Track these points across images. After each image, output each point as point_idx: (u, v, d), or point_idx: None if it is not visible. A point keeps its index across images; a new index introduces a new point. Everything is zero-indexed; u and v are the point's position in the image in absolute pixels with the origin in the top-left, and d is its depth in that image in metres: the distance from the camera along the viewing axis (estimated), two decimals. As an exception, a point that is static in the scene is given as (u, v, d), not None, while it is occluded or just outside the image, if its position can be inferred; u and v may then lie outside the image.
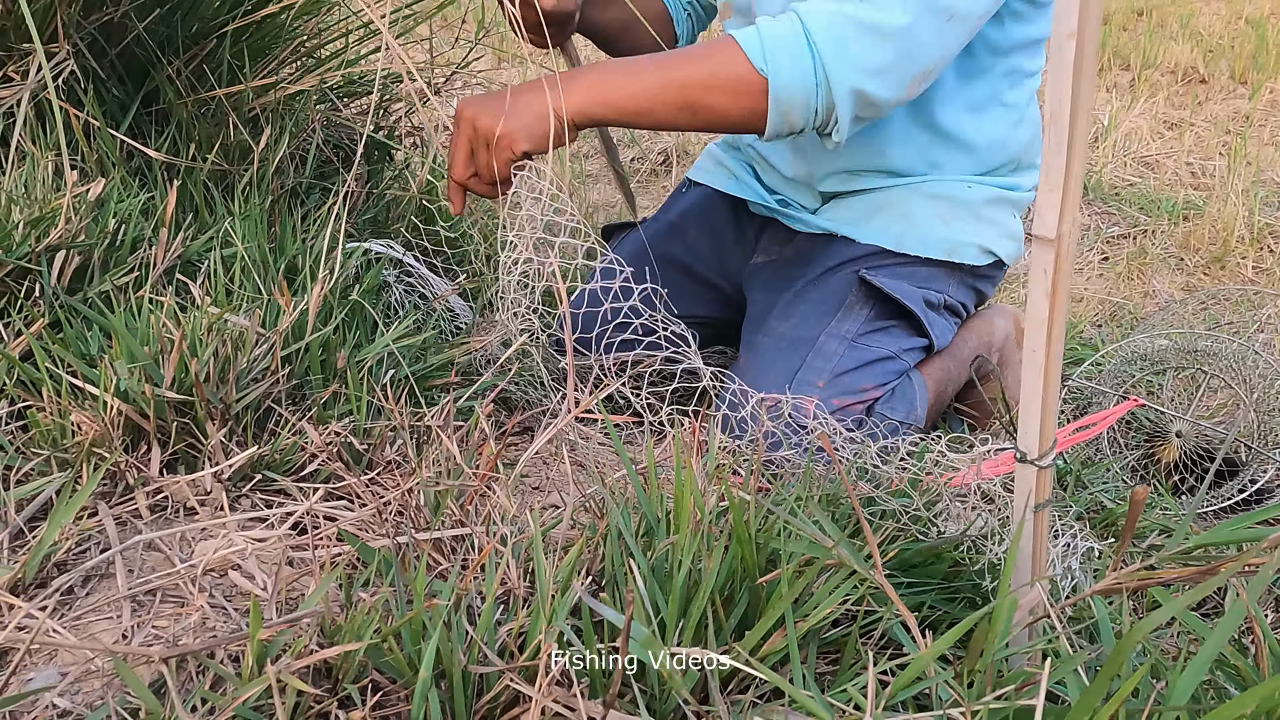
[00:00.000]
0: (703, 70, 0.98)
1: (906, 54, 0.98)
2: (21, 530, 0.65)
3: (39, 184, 0.95)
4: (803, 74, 0.97)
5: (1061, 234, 0.59)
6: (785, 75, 0.97)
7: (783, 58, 0.97)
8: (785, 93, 0.97)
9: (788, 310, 1.21)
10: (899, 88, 1.00)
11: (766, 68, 0.97)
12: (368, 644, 0.54)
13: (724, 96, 0.98)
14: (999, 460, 0.90)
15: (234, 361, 0.77)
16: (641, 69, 0.99)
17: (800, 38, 0.97)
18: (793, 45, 0.97)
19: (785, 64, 0.97)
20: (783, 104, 0.98)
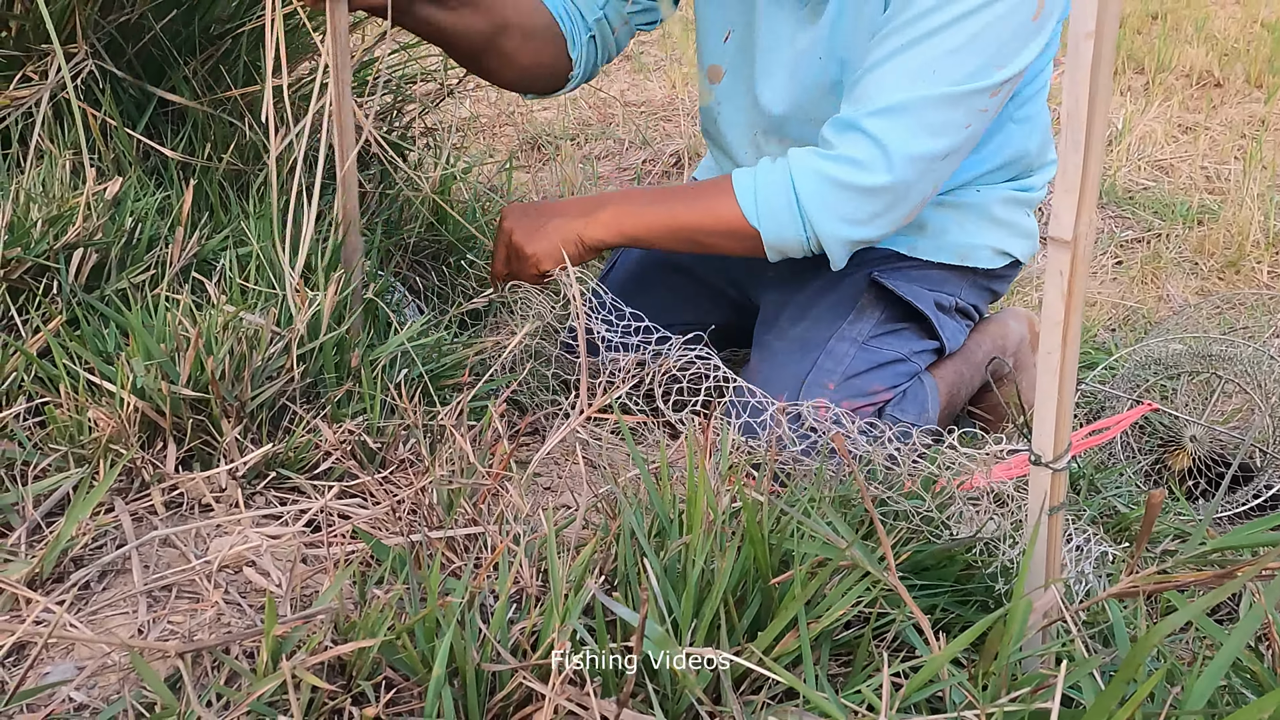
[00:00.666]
0: (705, 216, 1.08)
1: (894, 203, 1.04)
2: (39, 525, 0.66)
3: (57, 183, 0.96)
4: (793, 230, 1.05)
5: (1078, 235, 0.59)
6: (775, 230, 1.06)
7: (770, 215, 1.05)
8: (778, 242, 1.07)
9: (799, 312, 1.20)
10: (891, 226, 1.06)
11: (759, 225, 1.06)
12: (382, 641, 0.54)
13: (724, 240, 1.09)
14: (1012, 463, 0.90)
15: (249, 359, 0.78)
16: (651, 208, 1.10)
17: (790, 196, 1.04)
18: (782, 205, 1.04)
19: (774, 221, 1.05)
20: (776, 250, 1.08)
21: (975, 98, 1.00)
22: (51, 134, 1.09)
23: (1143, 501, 1.09)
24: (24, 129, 1.12)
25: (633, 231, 1.11)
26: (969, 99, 1.00)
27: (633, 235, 1.11)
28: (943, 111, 1.00)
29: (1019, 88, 1.17)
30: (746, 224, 1.07)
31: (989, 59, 0.98)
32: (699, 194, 1.11)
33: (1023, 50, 1.00)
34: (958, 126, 1.01)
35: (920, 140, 1.00)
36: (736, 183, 1.07)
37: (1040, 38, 1.01)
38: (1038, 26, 1.00)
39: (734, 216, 1.07)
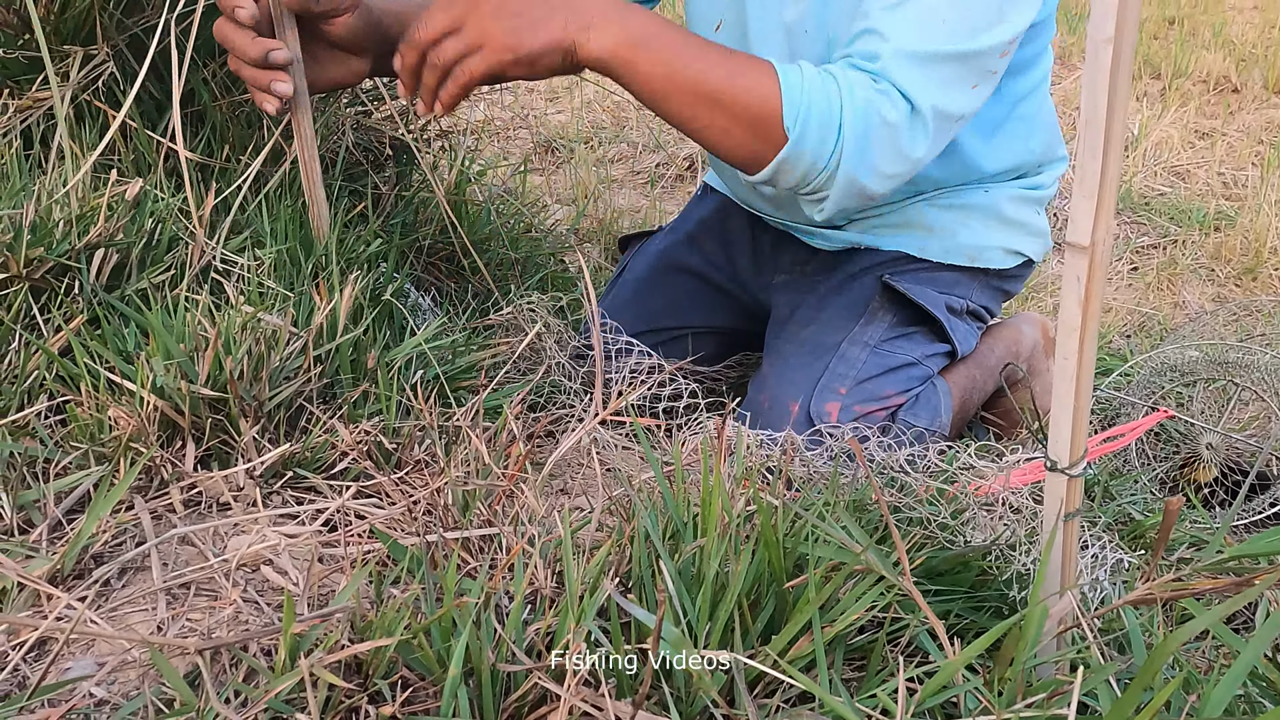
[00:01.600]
0: (739, 88, 0.92)
1: (914, 170, 0.99)
2: (60, 522, 0.66)
3: (79, 183, 0.97)
4: (818, 153, 0.94)
5: (1096, 241, 0.59)
6: (805, 144, 0.93)
7: (813, 129, 0.93)
8: (794, 159, 0.95)
9: (810, 315, 1.20)
10: (895, 188, 1.01)
11: (792, 129, 0.93)
12: (399, 640, 0.54)
13: (741, 131, 0.94)
14: (1027, 469, 0.89)
15: (267, 360, 0.78)
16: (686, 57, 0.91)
17: (834, 125, 0.93)
18: (825, 122, 0.93)
19: (812, 136, 0.93)
20: (786, 165, 0.95)
21: (986, 56, 0.95)
22: (72, 134, 1.10)
23: (1157, 509, 1.08)
24: (45, 130, 1.14)
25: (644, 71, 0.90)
26: (981, 56, 0.95)
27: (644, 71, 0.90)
28: (958, 68, 0.95)
29: (1019, 82, 1.16)
30: (779, 119, 0.92)
31: (994, 4, 0.94)
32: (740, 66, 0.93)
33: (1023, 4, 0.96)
34: (967, 86, 0.96)
35: (942, 98, 0.95)
36: (784, 74, 0.93)
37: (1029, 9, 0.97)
38: None
39: (771, 104, 0.92)
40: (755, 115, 0.92)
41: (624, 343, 1.14)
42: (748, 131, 0.93)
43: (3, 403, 0.73)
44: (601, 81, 3.28)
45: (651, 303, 1.37)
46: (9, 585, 0.59)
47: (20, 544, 0.63)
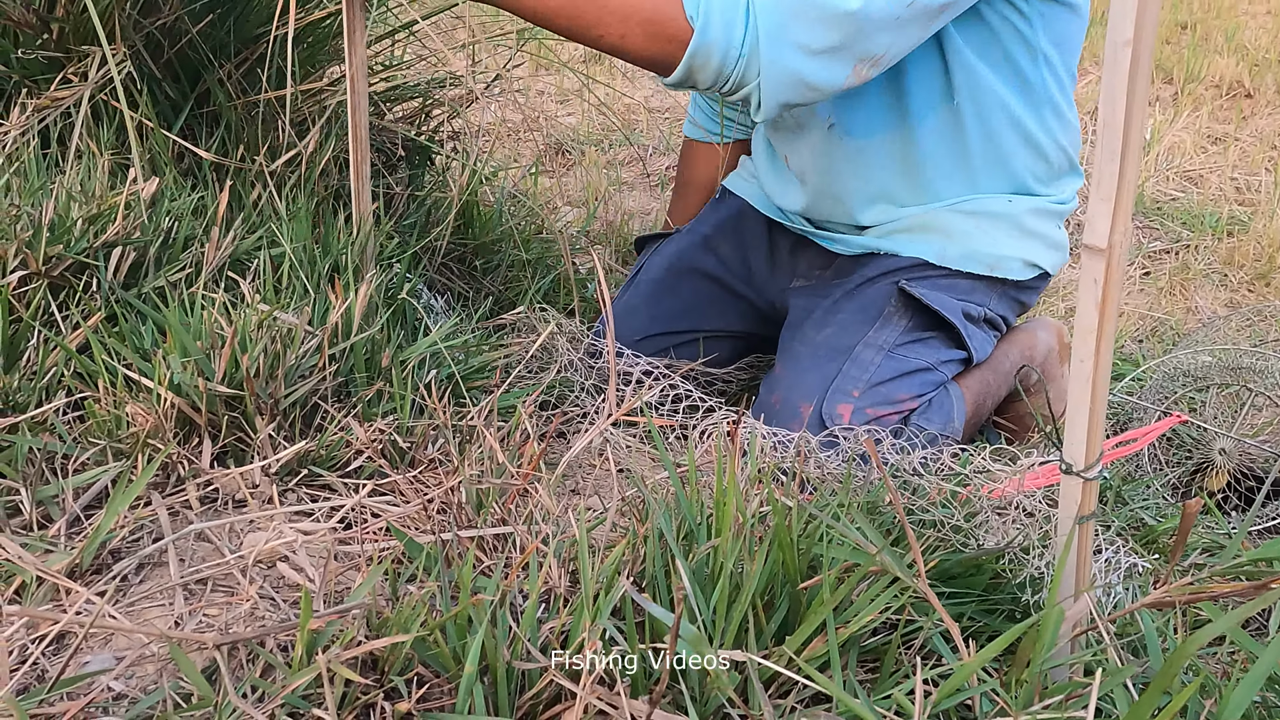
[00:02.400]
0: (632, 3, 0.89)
1: (854, 37, 0.92)
2: (79, 517, 0.67)
3: (96, 182, 0.98)
4: (728, 39, 0.90)
5: (1113, 244, 0.59)
6: (712, 34, 0.90)
7: (716, 16, 0.90)
8: (704, 51, 0.91)
9: (825, 318, 1.20)
10: (841, 73, 0.95)
11: (697, 19, 0.89)
12: (415, 637, 0.54)
13: (641, 33, 0.90)
14: (1041, 473, 0.89)
15: (283, 358, 0.79)
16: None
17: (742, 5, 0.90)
18: (730, 6, 0.90)
19: (717, 22, 0.90)
20: (698, 60, 0.91)
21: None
22: (90, 133, 1.11)
23: (1170, 514, 1.08)
24: (63, 129, 1.15)
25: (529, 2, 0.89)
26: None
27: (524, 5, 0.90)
28: None
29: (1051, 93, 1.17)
30: (681, 13, 0.89)
31: None
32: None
33: None
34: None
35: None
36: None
37: None
38: None
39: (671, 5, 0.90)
40: (651, 14, 0.89)
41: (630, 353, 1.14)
42: (647, 33, 0.90)
43: (22, 398, 0.73)
44: (612, 83, 3.29)
45: (666, 305, 1.37)
46: (28, 579, 0.60)
47: (39, 538, 0.63)
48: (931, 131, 1.16)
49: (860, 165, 1.19)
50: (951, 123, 1.16)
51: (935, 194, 1.20)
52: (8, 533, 0.63)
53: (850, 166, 1.20)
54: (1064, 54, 1.18)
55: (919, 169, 1.18)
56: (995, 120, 1.16)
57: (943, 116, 1.15)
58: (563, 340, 1.16)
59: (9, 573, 0.61)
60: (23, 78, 1.17)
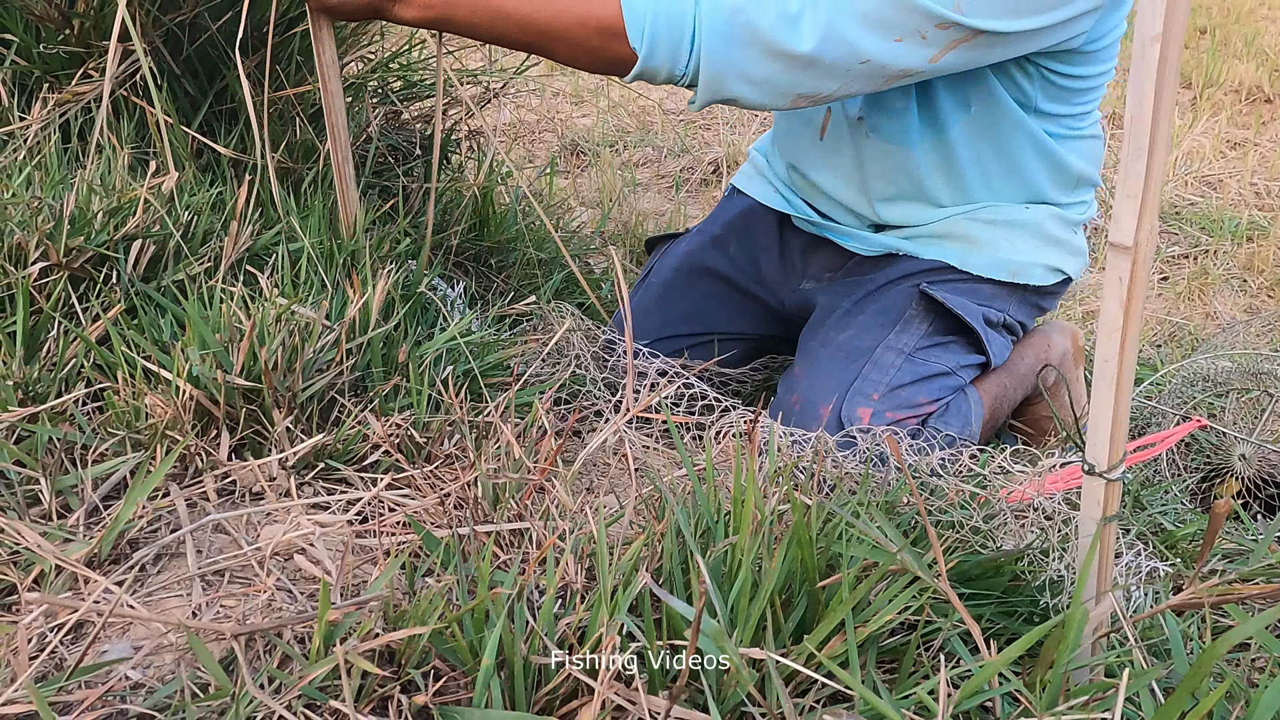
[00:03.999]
0: (572, 24, 0.90)
1: (799, 78, 0.93)
2: (97, 507, 0.67)
3: (116, 175, 0.98)
4: (673, 62, 0.92)
5: (1139, 242, 0.58)
6: (656, 60, 0.92)
7: (662, 41, 0.91)
8: (650, 74, 0.93)
9: (846, 319, 1.20)
10: (776, 100, 0.96)
11: (640, 49, 0.91)
12: (432, 630, 0.54)
13: (587, 55, 0.93)
14: (1060, 475, 0.88)
15: (301, 352, 0.79)
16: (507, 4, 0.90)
17: (687, 35, 0.91)
18: (675, 38, 0.91)
19: (662, 49, 0.91)
20: (645, 78, 0.95)
21: (921, 17, 0.90)
22: (110, 128, 1.11)
23: (1189, 519, 1.07)
24: (83, 125, 1.15)
25: (465, 21, 0.92)
26: (916, 13, 0.90)
27: (461, 25, 0.92)
28: (886, 6, 0.89)
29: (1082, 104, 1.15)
30: (624, 41, 0.91)
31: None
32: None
33: (993, 15, 0.92)
34: (889, 33, 0.91)
35: (853, 24, 0.90)
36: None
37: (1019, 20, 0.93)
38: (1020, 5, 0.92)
39: (612, 30, 0.90)
40: (597, 42, 0.91)
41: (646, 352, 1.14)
42: (593, 55, 0.93)
43: (43, 389, 0.74)
44: (627, 86, 3.29)
45: (678, 306, 1.37)
46: (48, 568, 0.60)
47: (59, 528, 0.63)
48: (960, 137, 1.15)
49: (889, 164, 1.19)
50: (971, 131, 1.15)
51: (969, 196, 1.19)
52: (28, 522, 0.63)
53: (878, 166, 1.19)
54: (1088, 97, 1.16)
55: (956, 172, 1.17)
56: (1011, 130, 1.15)
57: (966, 124, 1.14)
58: (579, 337, 1.16)
59: (29, 561, 0.61)
60: (44, 73, 1.17)
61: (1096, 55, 1.09)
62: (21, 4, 1.10)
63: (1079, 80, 1.11)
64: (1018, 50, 1.00)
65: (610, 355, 1.18)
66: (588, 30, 0.91)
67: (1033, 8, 0.94)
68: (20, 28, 1.14)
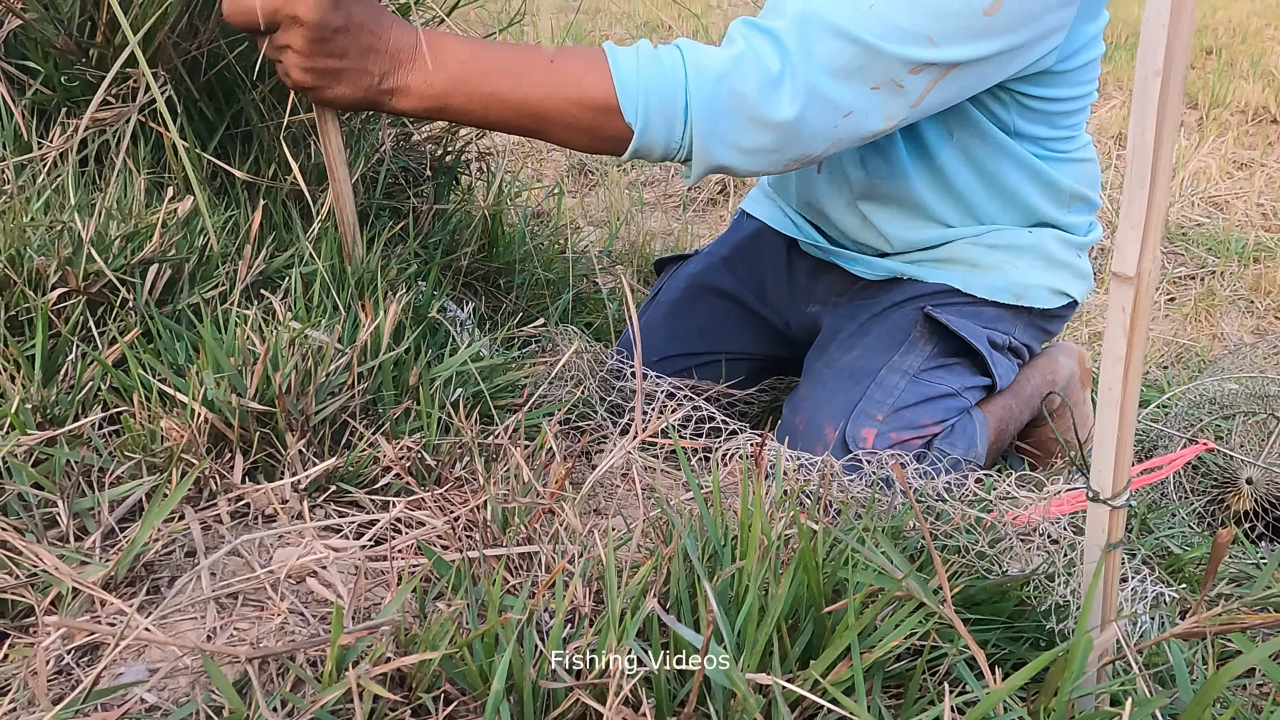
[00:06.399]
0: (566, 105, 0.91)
1: (788, 142, 0.94)
2: (114, 529, 0.68)
3: (133, 200, 1.00)
4: (669, 137, 0.93)
5: (1141, 271, 0.59)
6: (650, 136, 0.92)
7: (656, 117, 0.92)
8: (647, 149, 0.94)
9: (851, 341, 1.21)
10: (770, 167, 0.97)
11: (635, 123, 0.92)
12: (442, 654, 0.55)
13: (583, 135, 0.93)
14: (1065, 499, 0.89)
15: (314, 375, 0.80)
16: (501, 78, 0.90)
17: (679, 107, 0.92)
18: (668, 110, 0.92)
19: (656, 124, 0.92)
20: (641, 154, 0.95)
21: (893, 63, 0.91)
22: (128, 152, 1.13)
23: (1196, 543, 1.07)
24: (100, 149, 1.17)
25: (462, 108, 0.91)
26: (887, 61, 0.91)
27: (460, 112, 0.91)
28: (857, 57, 0.90)
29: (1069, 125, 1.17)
30: (619, 117, 0.91)
31: (922, 26, 0.90)
32: (564, 67, 0.91)
33: (964, 41, 0.92)
34: (865, 82, 0.92)
35: (829, 80, 0.91)
36: (616, 64, 0.91)
37: (990, 42, 0.93)
38: (989, 25, 0.92)
39: (606, 102, 0.90)
40: (592, 120, 0.91)
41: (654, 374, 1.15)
42: (589, 134, 0.93)
43: (60, 411, 0.75)
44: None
45: (684, 324, 1.38)
46: (65, 590, 0.61)
47: (76, 550, 0.64)
48: (949, 163, 1.16)
49: (889, 193, 1.20)
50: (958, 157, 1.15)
51: (974, 216, 1.20)
52: (46, 544, 0.64)
53: (878, 197, 1.21)
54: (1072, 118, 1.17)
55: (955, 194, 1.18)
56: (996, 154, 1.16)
57: (951, 150, 1.15)
58: (587, 359, 1.17)
59: (46, 583, 0.62)
60: (64, 98, 1.19)
61: (1070, 76, 1.10)
62: (41, 35, 1.13)
63: (1056, 103, 1.12)
64: (989, 79, 1.01)
65: (618, 378, 1.19)
66: (581, 109, 0.91)
67: (1001, 27, 0.93)
68: (40, 56, 1.16)
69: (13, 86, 1.17)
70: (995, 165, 1.16)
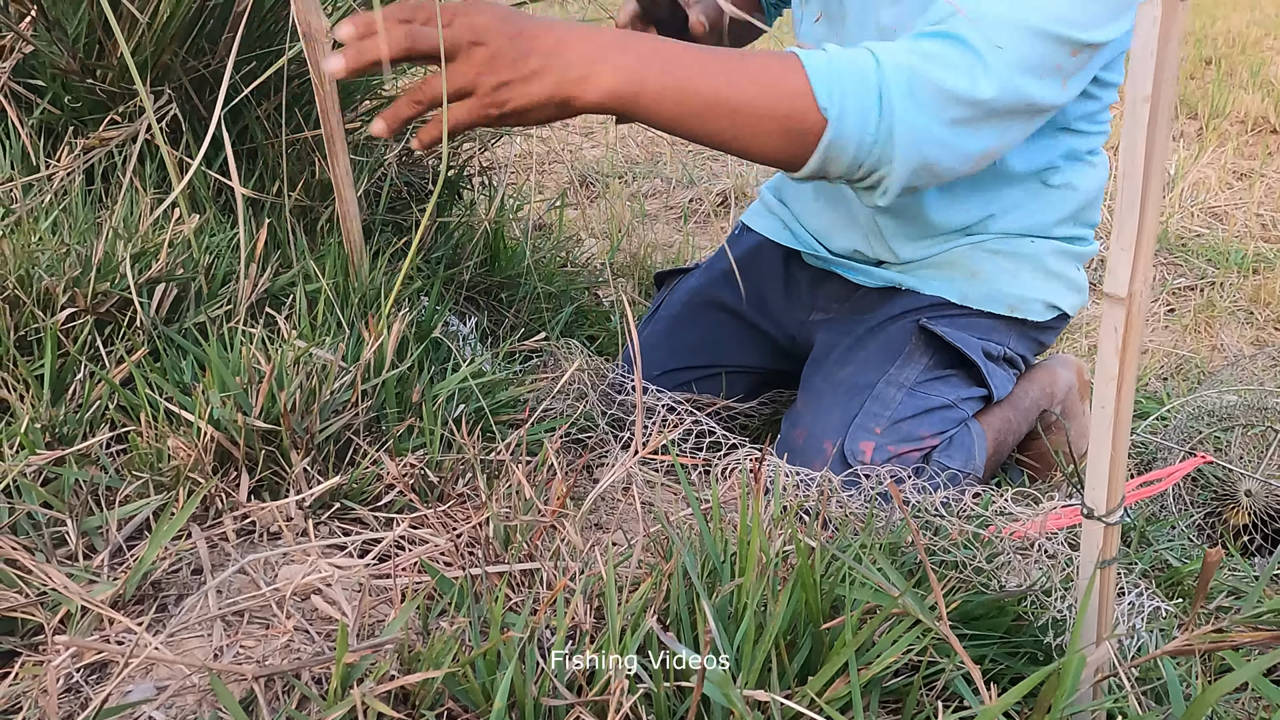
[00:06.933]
0: (762, 99, 0.87)
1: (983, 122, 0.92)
2: (121, 548, 0.69)
3: (139, 218, 1.01)
4: (864, 126, 0.89)
5: (1133, 292, 0.60)
6: (847, 120, 0.88)
7: (852, 105, 0.88)
8: (839, 143, 0.89)
9: (847, 355, 1.22)
10: (963, 162, 0.95)
11: (830, 110, 0.87)
12: (445, 672, 0.56)
13: (771, 130, 0.88)
14: (1063, 513, 0.89)
15: (319, 394, 0.81)
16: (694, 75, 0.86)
17: (873, 89, 0.88)
18: (863, 95, 0.88)
19: (854, 113, 0.88)
20: (832, 152, 0.90)
21: (1058, 46, 0.91)
22: (134, 171, 1.15)
23: (1195, 556, 1.07)
24: (106, 168, 1.19)
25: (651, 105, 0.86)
26: (1054, 44, 0.91)
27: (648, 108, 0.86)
28: (1036, 46, 0.90)
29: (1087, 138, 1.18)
30: (813, 105, 0.86)
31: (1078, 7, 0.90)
32: (753, 65, 0.88)
33: (1108, 20, 0.93)
34: (1042, 71, 0.91)
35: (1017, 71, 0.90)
36: (807, 58, 0.88)
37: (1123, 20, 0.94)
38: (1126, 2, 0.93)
39: (800, 92, 0.87)
40: (786, 110, 0.87)
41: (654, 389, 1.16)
42: (781, 128, 0.88)
43: (69, 431, 0.76)
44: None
45: (685, 338, 1.39)
46: (73, 609, 0.62)
47: (84, 569, 0.65)
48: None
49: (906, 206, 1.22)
50: None
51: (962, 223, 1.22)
52: (54, 563, 0.65)
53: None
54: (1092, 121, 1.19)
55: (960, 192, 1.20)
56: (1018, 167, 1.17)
57: None
58: (587, 375, 1.18)
59: (55, 602, 0.63)
60: (71, 118, 1.21)
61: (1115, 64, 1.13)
62: (48, 57, 1.14)
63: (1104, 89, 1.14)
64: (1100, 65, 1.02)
65: (619, 392, 1.20)
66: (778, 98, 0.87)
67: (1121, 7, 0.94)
68: (47, 76, 1.18)
69: (20, 107, 1.19)
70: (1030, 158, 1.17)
